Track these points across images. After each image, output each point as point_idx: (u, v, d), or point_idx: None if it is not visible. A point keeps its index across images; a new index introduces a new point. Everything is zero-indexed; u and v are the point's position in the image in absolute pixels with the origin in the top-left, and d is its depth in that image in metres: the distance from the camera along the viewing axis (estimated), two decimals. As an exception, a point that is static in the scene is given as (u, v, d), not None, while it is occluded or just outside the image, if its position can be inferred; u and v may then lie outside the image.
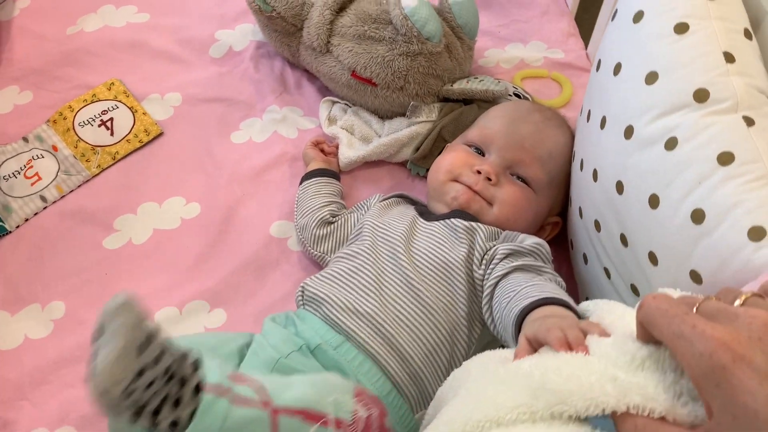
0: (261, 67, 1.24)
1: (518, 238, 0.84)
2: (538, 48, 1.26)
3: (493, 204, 0.88)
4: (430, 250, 0.82)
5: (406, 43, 1.03)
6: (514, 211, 0.88)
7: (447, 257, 0.81)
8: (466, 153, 0.93)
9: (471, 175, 0.90)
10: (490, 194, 0.88)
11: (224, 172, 1.12)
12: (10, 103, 1.21)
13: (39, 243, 1.05)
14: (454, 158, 0.93)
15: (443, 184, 0.91)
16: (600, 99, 0.79)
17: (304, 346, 0.75)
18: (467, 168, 0.90)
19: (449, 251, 0.82)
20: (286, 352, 0.74)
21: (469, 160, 0.91)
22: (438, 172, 0.93)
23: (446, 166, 0.92)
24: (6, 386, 0.92)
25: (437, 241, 0.83)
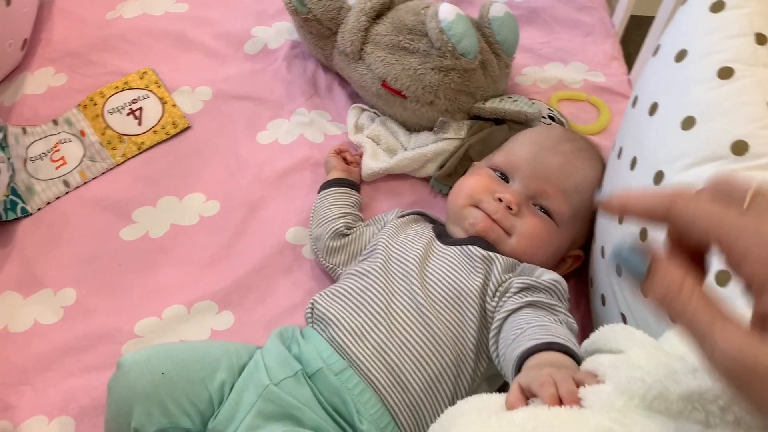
0: (294, 67, 1.23)
1: (536, 272, 0.81)
2: (579, 69, 1.22)
3: (512, 234, 0.85)
4: (445, 277, 0.80)
5: (440, 58, 1.00)
6: (532, 244, 0.85)
7: (461, 285, 0.79)
8: (489, 178, 0.90)
9: (492, 203, 0.87)
10: (510, 224, 0.85)
11: (247, 172, 1.11)
12: (44, 84, 1.21)
13: (58, 228, 1.05)
14: (476, 183, 0.90)
15: (462, 209, 0.89)
16: (633, 137, 0.75)
17: (300, 372, 0.74)
18: (488, 194, 0.87)
19: (464, 280, 0.79)
20: (278, 378, 0.73)
21: (491, 186, 0.88)
22: (458, 196, 0.90)
23: (467, 190, 0.89)
24: (11, 369, 0.92)
25: (452, 268, 0.81)
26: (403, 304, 0.78)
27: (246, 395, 0.72)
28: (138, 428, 0.71)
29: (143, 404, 0.71)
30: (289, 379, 0.73)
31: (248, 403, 0.71)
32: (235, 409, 0.72)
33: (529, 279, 0.78)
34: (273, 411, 0.70)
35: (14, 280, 1.00)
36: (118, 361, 0.76)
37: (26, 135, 1.13)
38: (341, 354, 0.76)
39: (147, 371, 0.73)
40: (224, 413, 0.72)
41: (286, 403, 0.70)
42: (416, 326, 0.76)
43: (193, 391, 0.73)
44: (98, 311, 0.97)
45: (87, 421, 0.87)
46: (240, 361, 0.77)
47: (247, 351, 0.80)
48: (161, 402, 0.71)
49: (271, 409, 0.70)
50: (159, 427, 0.71)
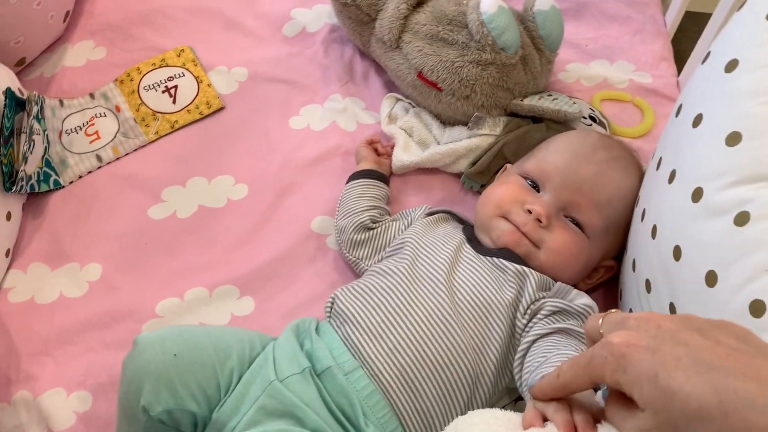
0: (331, 52, 1.21)
1: (570, 295, 0.79)
2: (625, 69, 1.17)
3: (541, 248, 0.82)
4: (474, 287, 0.77)
5: (479, 51, 0.97)
6: (561, 259, 0.82)
7: (490, 298, 0.76)
8: (519, 187, 0.87)
9: (521, 214, 0.83)
10: (538, 237, 0.82)
11: (277, 156, 1.10)
12: (83, 58, 1.22)
13: (88, 202, 1.06)
14: (506, 192, 0.86)
15: (490, 219, 0.86)
16: (673, 149, 0.71)
17: (308, 369, 0.73)
18: (518, 205, 0.84)
19: (495, 293, 0.77)
20: (284, 375, 0.72)
21: (521, 197, 0.85)
22: (486, 205, 0.87)
23: (496, 200, 0.86)
24: (34, 339, 0.94)
25: (483, 279, 0.78)
26: (425, 309, 0.76)
27: (252, 388, 0.72)
28: (146, 406, 0.71)
29: (153, 383, 0.71)
30: (296, 376, 0.72)
31: (253, 396, 0.71)
32: (241, 402, 0.71)
33: (562, 302, 0.76)
34: (275, 407, 0.69)
35: (43, 251, 1.02)
36: (134, 338, 0.76)
37: (63, 107, 1.14)
38: (354, 353, 0.74)
39: (160, 351, 0.73)
40: (229, 404, 0.72)
41: (289, 402, 0.69)
42: (436, 333, 0.74)
43: (202, 376, 0.73)
44: (122, 288, 0.98)
45: (104, 397, 0.89)
46: (252, 352, 0.77)
47: (261, 341, 0.79)
48: (170, 383, 0.71)
49: (274, 406, 0.69)
50: (166, 407, 0.71)
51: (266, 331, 0.88)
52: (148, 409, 0.71)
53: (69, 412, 0.88)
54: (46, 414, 0.87)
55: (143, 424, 0.73)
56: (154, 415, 0.71)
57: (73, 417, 0.87)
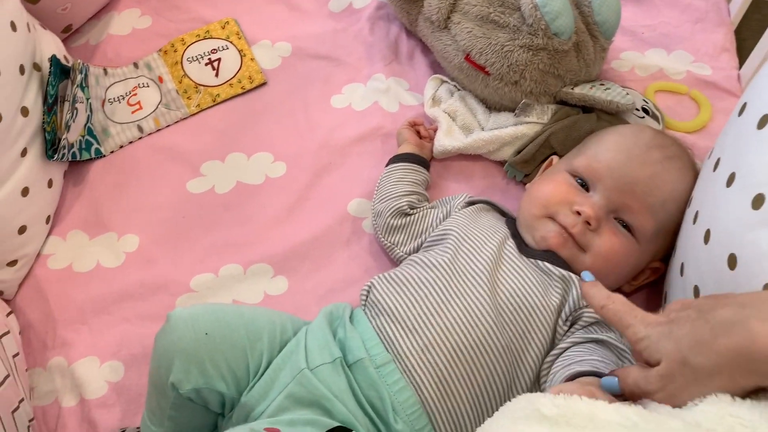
0: (377, 30, 1.18)
1: None
2: (683, 59, 1.11)
3: (587, 251, 0.79)
4: (518, 290, 0.75)
5: (531, 35, 0.93)
6: (608, 265, 0.78)
7: (535, 303, 0.74)
8: (567, 186, 0.82)
9: (569, 215, 0.80)
10: (586, 240, 0.79)
11: (317, 135, 1.08)
12: (129, 26, 1.22)
13: (128, 172, 1.07)
14: (553, 191, 0.82)
15: (536, 219, 0.82)
16: (734, 150, 0.67)
17: (339, 360, 0.71)
18: (566, 206, 0.80)
19: (540, 297, 0.74)
20: (315, 363, 0.71)
21: (570, 197, 0.81)
22: (532, 204, 0.84)
23: (542, 200, 0.82)
24: (71, 307, 0.95)
25: (527, 283, 0.76)
26: (464, 307, 0.73)
27: (282, 374, 0.71)
28: (175, 383, 0.71)
29: (183, 361, 0.71)
30: (327, 366, 0.71)
31: (282, 383, 0.70)
32: (270, 387, 0.71)
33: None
34: (303, 396, 0.69)
35: (82, 220, 1.03)
36: (168, 314, 0.76)
37: (107, 76, 1.13)
38: (387, 346, 0.73)
39: (192, 329, 0.72)
40: (259, 389, 0.71)
41: (318, 391, 0.68)
42: (474, 333, 0.72)
43: (232, 357, 0.72)
44: (158, 261, 0.98)
45: (136, 369, 0.89)
46: (283, 336, 0.76)
47: (294, 325, 0.79)
48: (201, 361, 0.71)
49: (302, 394, 0.69)
50: (195, 385, 0.71)
51: (298, 312, 0.87)
52: (177, 386, 0.71)
53: (101, 382, 0.89)
54: (80, 382, 0.89)
55: (171, 400, 0.73)
56: (182, 392, 0.71)
57: (106, 386, 0.89)
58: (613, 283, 0.82)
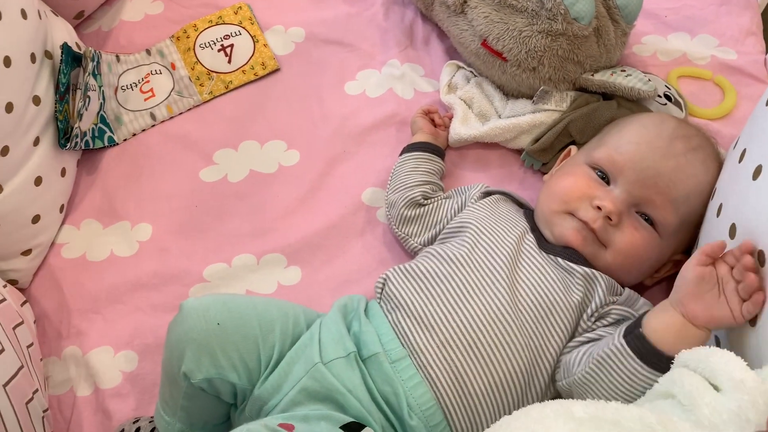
0: (391, 14, 1.16)
1: (638, 304, 0.75)
2: (707, 43, 1.08)
3: (608, 247, 0.77)
4: (539, 288, 0.73)
5: (549, 20, 0.90)
6: (629, 261, 0.77)
7: (556, 300, 0.73)
8: (587, 180, 0.80)
9: (589, 210, 0.77)
10: (607, 236, 0.77)
11: (330, 123, 1.07)
12: (141, 12, 1.20)
13: (141, 160, 1.06)
14: (573, 186, 0.80)
15: (554, 215, 0.80)
16: (760, 141, 0.65)
17: (353, 354, 0.70)
18: (586, 201, 0.78)
19: (561, 295, 0.73)
20: (329, 358, 0.70)
21: (590, 191, 0.79)
22: (551, 198, 0.81)
23: (561, 195, 0.80)
24: (85, 296, 0.95)
25: (548, 280, 0.74)
26: (482, 303, 0.72)
27: (296, 368, 0.71)
28: (187, 373, 0.71)
29: (195, 351, 0.71)
30: (341, 360, 0.70)
31: (296, 377, 0.70)
32: (283, 380, 0.70)
33: (629, 311, 0.73)
34: (317, 390, 0.68)
35: (96, 208, 1.02)
36: (180, 303, 0.76)
37: (119, 63, 1.12)
38: (403, 341, 0.72)
39: (204, 319, 0.72)
40: (272, 382, 0.71)
41: (331, 386, 0.68)
42: (492, 330, 0.71)
43: (244, 348, 0.72)
44: (171, 250, 0.98)
45: (149, 359, 0.89)
46: (296, 328, 0.75)
47: (306, 317, 0.78)
48: (212, 352, 0.71)
49: (316, 389, 0.68)
50: (207, 375, 0.70)
51: (312, 302, 0.86)
52: (188, 375, 0.71)
53: (116, 371, 0.89)
54: (94, 371, 0.89)
55: (183, 390, 0.73)
56: (194, 382, 0.71)
57: (120, 376, 0.89)
58: (635, 279, 0.80)
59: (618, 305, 0.73)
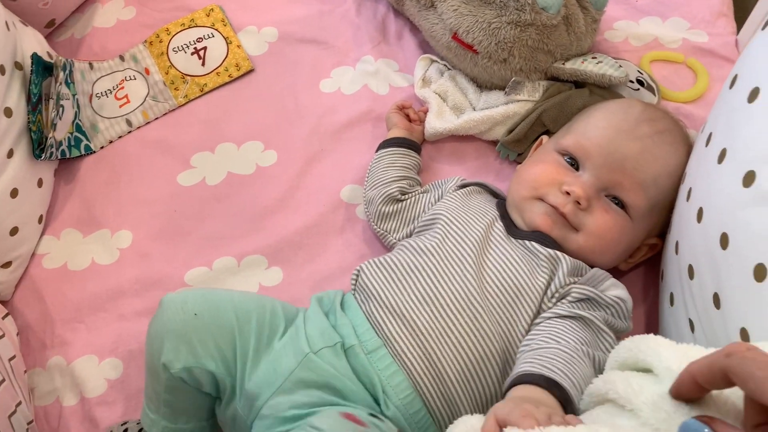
0: (363, 10, 1.16)
1: (603, 284, 0.75)
2: (679, 26, 1.08)
3: (580, 230, 0.77)
4: (504, 273, 0.74)
5: (518, 11, 0.90)
6: (601, 243, 0.77)
7: (522, 283, 0.73)
8: (556, 166, 0.81)
9: (558, 196, 0.78)
10: (578, 220, 0.77)
11: (307, 122, 1.07)
12: (113, 18, 1.20)
13: (118, 168, 1.06)
14: (542, 172, 0.81)
15: (525, 201, 0.81)
16: (725, 125, 0.65)
17: (339, 344, 0.72)
18: (555, 186, 0.79)
19: (526, 278, 0.73)
20: (317, 347, 0.71)
21: (559, 177, 0.79)
22: (521, 185, 0.82)
23: (531, 181, 0.81)
24: (68, 306, 0.95)
25: (514, 264, 0.75)
26: (452, 291, 0.73)
27: (284, 360, 0.71)
28: (166, 363, 0.72)
29: (173, 341, 0.73)
30: (328, 349, 0.71)
31: (287, 369, 0.70)
32: (273, 374, 0.71)
33: (592, 290, 0.73)
34: (313, 379, 0.69)
35: (75, 217, 1.02)
36: (161, 299, 0.77)
37: (93, 70, 1.12)
38: (377, 331, 0.73)
39: (182, 310, 0.74)
40: (261, 376, 0.71)
41: (326, 372, 0.69)
42: (461, 317, 0.71)
43: (221, 337, 0.73)
44: (152, 256, 0.98)
45: (134, 365, 0.90)
46: (274, 320, 0.76)
47: (284, 310, 0.79)
48: (189, 341, 0.72)
49: (312, 378, 0.69)
50: (185, 364, 0.72)
51: (294, 302, 0.87)
52: (168, 366, 0.72)
53: (101, 379, 0.89)
54: (79, 380, 0.89)
55: (164, 382, 0.74)
56: (174, 372, 0.72)
57: (105, 384, 0.89)
58: (609, 262, 0.80)
59: (579, 284, 0.73)
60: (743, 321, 0.57)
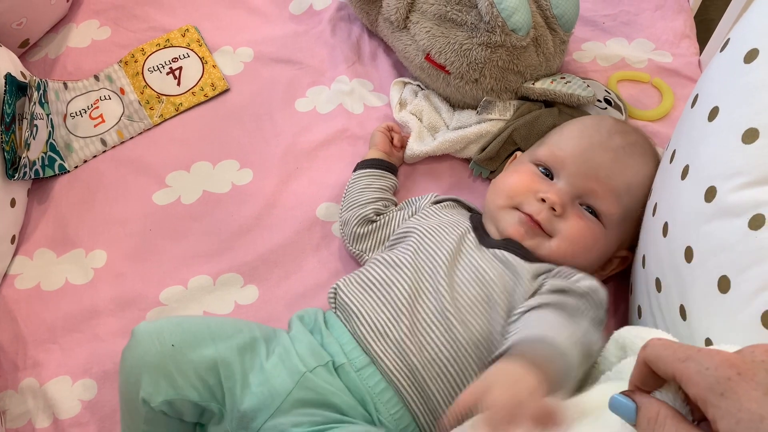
0: (338, 31, 1.18)
1: (573, 277, 0.76)
2: (644, 47, 1.12)
3: (553, 236, 0.79)
4: (475, 282, 0.75)
5: (488, 33, 0.93)
6: (574, 249, 0.79)
7: (492, 292, 0.74)
8: (531, 175, 0.83)
9: (534, 204, 0.80)
10: (552, 227, 0.79)
11: (282, 140, 1.08)
12: (88, 38, 1.20)
13: (93, 187, 1.06)
14: (518, 181, 0.83)
15: (500, 210, 0.82)
16: (687, 143, 0.68)
17: (330, 363, 0.72)
18: (530, 195, 0.81)
19: (496, 286, 0.74)
20: (312, 366, 0.71)
21: (534, 186, 0.81)
22: (497, 195, 0.84)
23: (507, 191, 0.83)
24: (41, 326, 0.94)
25: (484, 275, 0.75)
26: (427, 304, 0.74)
27: (279, 381, 0.71)
28: (146, 398, 0.71)
29: (152, 374, 0.71)
30: (321, 368, 0.72)
31: (283, 390, 0.70)
32: (269, 398, 0.70)
33: (565, 282, 0.74)
34: (312, 398, 0.69)
35: (49, 237, 1.02)
36: (132, 329, 0.76)
37: (67, 90, 1.12)
38: (364, 349, 0.73)
39: (157, 342, 0.72)
40: (255, 399, 0.70)
41: (325, 390, 0.69)
42: (439, 330, 0.72)
43: (201, 366, 0.72)
44: (127, 275, 0.98)
45: (109, 385, 0.89)
46: (254, 344, 0.76)
47: (263, 333, 0.78)
48: (169, 373, 0.71)
49: (311, 397, 0.69)
50: (166, 397, 0.70)
51: (270, 320, 0.87)
52: (148, 400, 0.71)
53: (74, 401, 0.88)
54: (52, 402, 0.88)
55: (144, 416, 0.73)
56: (154, 406, 0.71)
57: (79, 405, 0.88)
58: (581, 269, 0.82)
59: (550, 278, 0.74)
60: (707, 332, 0.59)
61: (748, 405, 0.38)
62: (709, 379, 0.39)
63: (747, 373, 0.39)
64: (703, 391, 0.40)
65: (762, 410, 0.37)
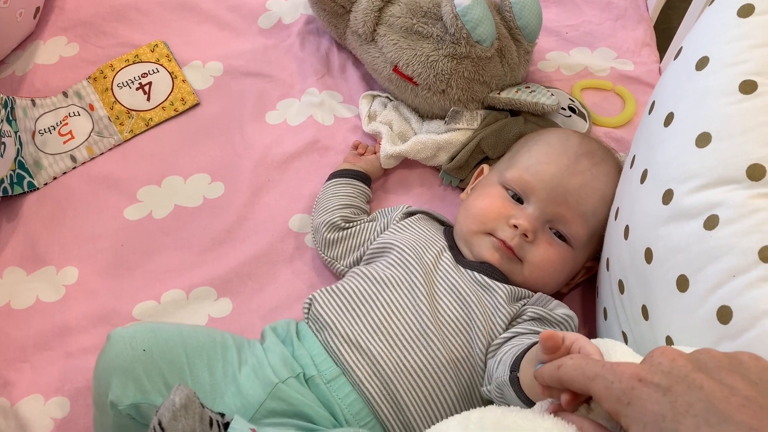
0: (307, 44, 1.19)
1: (550, 305, 0.79)
2: (606, 56, 1.15)
3: (524, 262, 0.81)
4: (457, 301, 0.77)
5: (454, 44, 0.95)
6: (544, 274, 0.81)
7: (473, 313, 0.76)
8: (502, 200, 0.84)
9: (506, 230, 0.81)
10: (523, 252, 0.81)
11: (253, 153, 1.08)
12: (56, 54, 1.20)
13: (63, 204, 1.05)
14: (489, 206, 0.84)
15: (473, 235, 0.84)
16: (645, 148, 0.70)
17: (301, 374, 0.73)
18: (503, 221, 0.82)
19: (476, 307, 0.76)
20: (284, 376, 0.72)
21: (506, 211, 0.82)
22: (469, 220, 0.85)
23: (479, 215, 0.84)
24: (11, 345, 0.93)
25: (464, 295, 0.77)
26: (405, 321, 0.75)
27: (252, 392, 0.71)
28: (114, 401, 0.71)
29: (121, 378, 0.71)
30: (293, 379, 0.72)
31: (256, 400, 0.71)
32: (241, 409, 0.71)
33: (542, 310, 0.77)
34: (284, 409, 0.70)
35: (19, 255, 1.01)
36: (109, 333, 0.76)
37: (35, 107, 1.12)
38: (335, 360, 0.74)
39: (129, 346, 0.73)
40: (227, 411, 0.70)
41: (297, 401, 0.70)
42: (417, 346, 0.73)
43: (170, 372, 0.73)
44: (98, 292, 0.97)
45: (82, 402, 0.88)
46: (226, 352, 0.76)
47: (236, 342, 0.79)
48: (137, 377, 0.71)
49: (283, 408, 0.70)
50: (133, 401, 0.71)
51: (244, 332, 0.88)
52: (116, 403, 0.71)
53: (47, 419, 0.87)
54: (24, 422, 0.87)
55: (112, 419, 0.73)
56: (122, 409, 0.71)
57: (51, 424, 0.87)
58: (551, 290, 0.84)
59: (530, 305, 0.77)
60: (668, 330, 0.61)
61: (651, 407, 0.40)
62: (616, 392, 0.42)
63: (646, 378, 0.42)
64: (613, 405, 0.43)
65: (663, 410, 0.40)
